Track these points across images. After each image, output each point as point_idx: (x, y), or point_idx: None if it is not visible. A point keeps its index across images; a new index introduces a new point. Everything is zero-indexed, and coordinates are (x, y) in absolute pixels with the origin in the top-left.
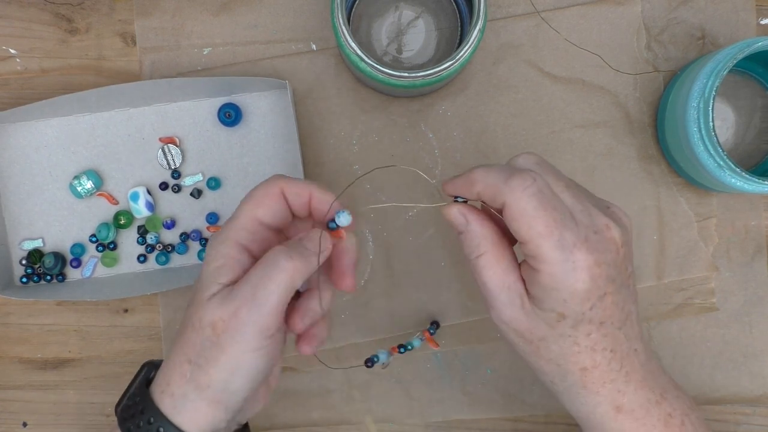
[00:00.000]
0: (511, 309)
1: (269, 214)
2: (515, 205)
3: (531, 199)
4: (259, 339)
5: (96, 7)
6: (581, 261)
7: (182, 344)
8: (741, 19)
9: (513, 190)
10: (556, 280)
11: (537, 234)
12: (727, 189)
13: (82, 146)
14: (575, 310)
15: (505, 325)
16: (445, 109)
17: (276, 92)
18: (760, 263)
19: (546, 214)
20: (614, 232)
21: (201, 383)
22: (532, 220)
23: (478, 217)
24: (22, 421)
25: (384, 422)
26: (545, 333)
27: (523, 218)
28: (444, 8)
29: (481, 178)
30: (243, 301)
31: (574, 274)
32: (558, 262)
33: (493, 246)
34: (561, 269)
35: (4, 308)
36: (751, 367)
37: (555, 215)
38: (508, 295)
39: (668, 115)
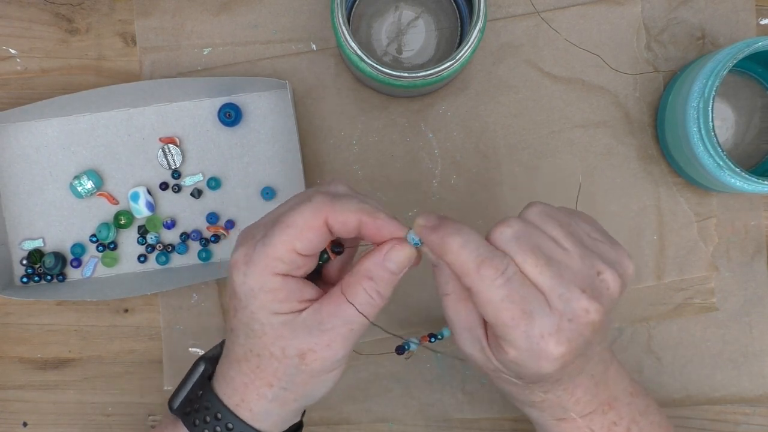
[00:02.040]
0: (472, 348)
1: (309, 248)
2: (482, 294)
3: (499, 290)
4: (344, 360)
5: (96, 7)
6: (549, 352)
7: (257, 370)
8: (741, 19)
9: (482, 279)
10: (520, 362)
11: (503, 323)
12: (727, 189)
13: (82, 146)
14: (538, 381)
15: (466, 356)
16: (445, 109)
17: (276, 92)
18: (760, 263)
19: (513, 307)
20: (592, 316)
21: (287, 400)
22: (499, 311)
23: None
24: (22, 421)
25: (384, 422)
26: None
27: (489, 306)
28: (444, 8)
29: (455, 252)
30: (336, 334)
31: (539, 362)
32: (524, 349)
33: (460, 289)
34: (526, 356)
35: (4, 308)
36: (751, 367)
37: (524, 307)
38: (470, 337)
39: (668, 115)
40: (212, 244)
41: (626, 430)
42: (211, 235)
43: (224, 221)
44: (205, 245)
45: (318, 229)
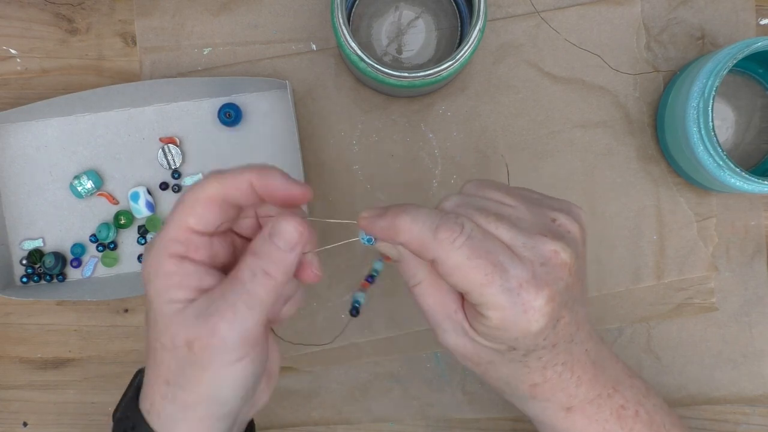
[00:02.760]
0: (455, 336)
1: (202, 223)
2: (447, 260)
3: (462, 250)
4: (244, 348)
5: (96, 7)
6: (531, 301)
7: (155, 365)
8: (741, 19)
9: (441, 245)
10: (506, 324)
11: (477, 284)
12: (726, 189)
13: (82, 146)
14: (527, 344)
15: (450, 349)
16: (445, 109)
17: (276, 92)
18: (759, 263)
19: (482, 262)
20: (563, 256)
21: (188, 402)
22: (469, 272)
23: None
24: (23, 421)
25: (384, 422)
26: (493, 358)
27: (458, 271)
28: (444, 8)
29: (407, 229)
30: (221, 317)
31: (526, 316)
32: (506, 306)
33: (429, 274)
34: (511, 313)
35: (4, 308)
36: (751, 367)
37: (492, 259)
38: (450, 323)
39: (668, 115)
40: None
41: (635, 413)
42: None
43: None
44: None
45: (208, 200)
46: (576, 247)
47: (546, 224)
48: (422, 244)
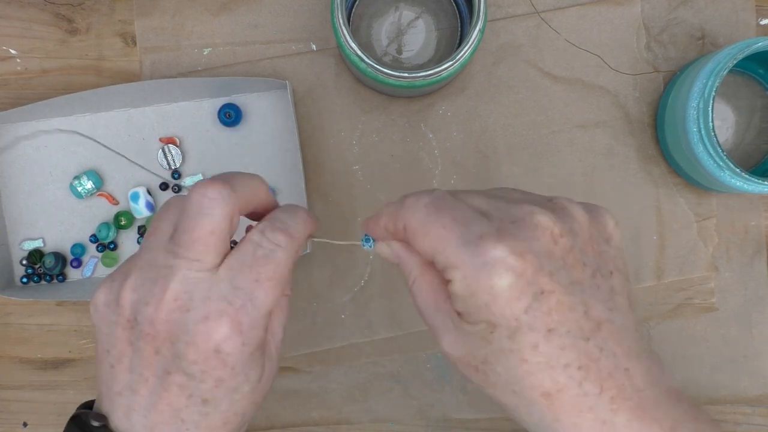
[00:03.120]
0: (446, 332)
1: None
2: (410, 219)
3: (425, 209)
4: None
5: (96, 7)
6: (492, 252)
7: None
8: (741, 19)
9: (406, 208)
10: (471, 283)
11: (437, 238)
12: (727, 189)
13: (82, 146)
14: (504, 314)
15: (449, 357)
16: (445, 110)
17: (276, 92)
18: (760, 263)
19: (442, 216)
20: (541, 218)
21: None
22: (429, 227)
23: (405, 246)
24: (22, 421)
25: (384, 422)
26: (484, 352)
27: (420, 229)
28: (444, 8)
29: (384, 211)
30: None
31: (487, 269)
32: (466, 260)
33: (421, 269)
34: (471, 268)
35: (4, 308)
36: (751, 367)
37: (454, 215)
38: (440, 317)
39: (668, 115)
40: None
41: None
42: None
43: None
44: None
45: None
46: (571, 223)
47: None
48: (394, 216)
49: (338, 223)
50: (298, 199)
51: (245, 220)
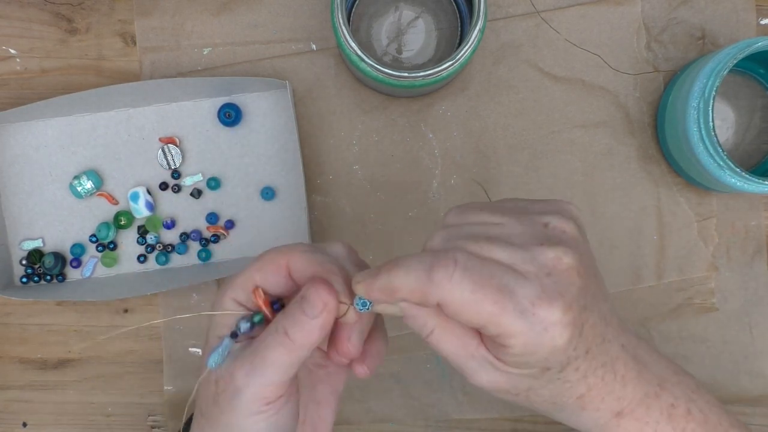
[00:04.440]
0: (486, 373)
1: (267, 284)
2: (451, 300)
3: (463, 285)
4: (258, 404)
5: (96, 7)
6: (549, 317)
7: (199, 395)
8: (741, 19)
9: (440, 286)
10: (531, 348)
11: (489, 315)
12: (727, 189)
13: (82, 146)
14: (559, 360)
15: (484, 387)
16: (445, 109)
17: (276, 92)
18: (760, 263)
19: (487, 291)
20: (567, 260)
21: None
22: (477, 305)
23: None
24: (22, 421)
25: (384, 422)
26: (530, 384)
27: (466, 308)
28: (444, 8)
29: (402, 285)
30: (241, 365)
31: (548, 333)
32: (526, 330)
33: (441, 320)
34: (532, 336)
35: (4, 308)
36: (751, 367)
37: (496, 284)
38: (475, 362)
39: (668, 115)
40: (212, 244)
41: (686, 412)
42: (211, 235)
43: (224, 221)
44: (205, 245)
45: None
46: (577, 246)
47: (539, 232)
48: (422, 293)
49: (338, 223)
50: (298, 199)
51: None
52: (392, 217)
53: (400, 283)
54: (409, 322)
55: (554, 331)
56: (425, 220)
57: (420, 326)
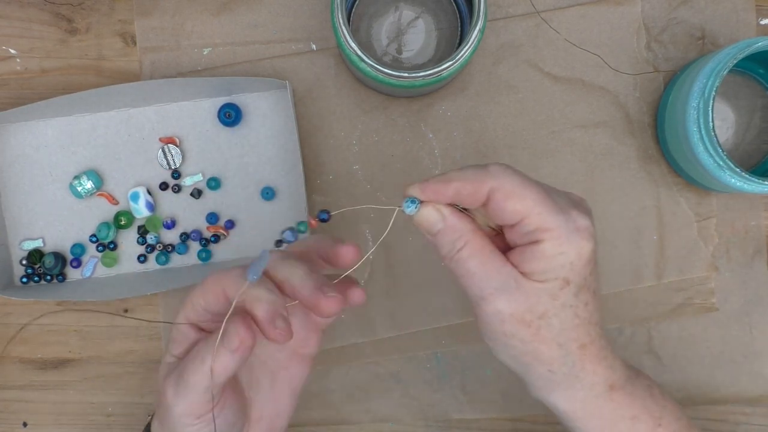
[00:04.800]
0: (506, 292)
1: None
2: (503, 186)
3: (515, 176)
4: (189, 419)
5: (96, 7)
6: (581, 221)
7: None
8: (741, 19)
9: (496, 174)
10: (563, 244)
11: (533, 203)
12: (727, 189)
13: (82, 146)
14: (580, 273)
15: (500, 315)
16: (445, 109)
17: (276, 92)
18: (760, 263)
19: (534, 186)
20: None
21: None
22: (525, 192)
23: (454, 210)
24: (22, 421)
25: (384, 422)
26: (546, 307)
27: (515, 194)
28: (444, 8)
29: (458, 175)
30: (169, 384)
31: (579, 234)
32: (561, 225)
33: (474, 234)
34: (565, 231)
35: (4, 308)
36: (751, 367)
37: (542, 187)
38: (499, 278)
39: (668, 115)
40: (212, 244)
41: (660, 393)
42: (211, 235)
43: (224, 221)
44: (205, 245)
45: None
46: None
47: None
48: (475, 182)
49: (338, 223)
50: (298, 199)
51: None
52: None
53: (454, 175)
54: (444, 236)
55: (584, 234)
56: None
57: (454, 240)
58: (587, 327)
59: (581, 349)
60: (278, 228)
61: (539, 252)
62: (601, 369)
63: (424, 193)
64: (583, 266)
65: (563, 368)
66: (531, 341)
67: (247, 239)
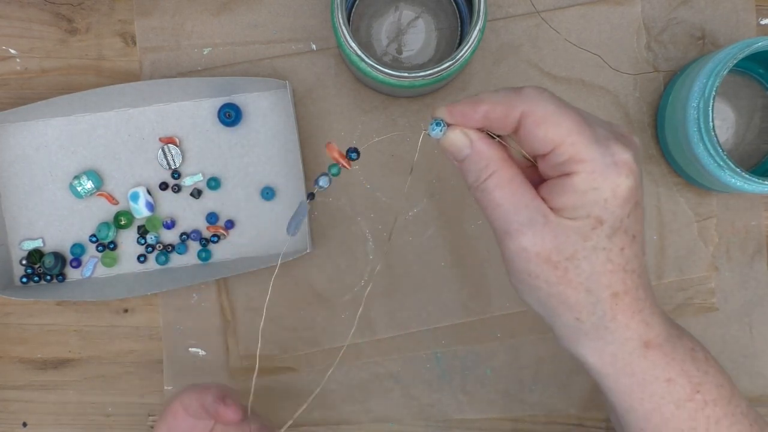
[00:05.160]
0: (533, 228)
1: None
2: (535, 110)
3: (551, 100)
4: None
5: (96, 7)
6: (621, 154)
7: None
8: (741, 19)
9: (529, 97)
10: (597, 178)
11: (567, 131)
12: (727, 189)
13: (82, 146)
14: (615, 213)
15: (525, 253)
16: None
17: (276, 92)
18: (760, 263)
19: (571, 112)
20: (633, 138)
21: None
22: (560, 118)
23: (483, 135)
24: (22, 421)
25: (384, 422)
26: (576, 248)
27: (548, 119)
28: (444, 8)
29: (488, 97)
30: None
31: (617, 168)
32: (597, 157)
33: (504, 163)
34: (601, 164)
35: (4, 308)
36: (751, 367)
37: (579, 113)
38: (527, 213)
39: (668, 115)
40: (212, 244)
41: (705, 358)
42: (211, 235)
43: (224, 221)
44: (205, 245)
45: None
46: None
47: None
48: (507, 105)
49: (338, 223)
50: (298, 199)
51: None
52: (392, 217)
53: (486, 97)
54: (471, 162)
55: (622, 168)
56: (425, 220)
57: (481, 167)
58: (622, 274)
59: (613, 297)
60: (278, 228)
61: (570, 185)
62: (634, 323)
63: (451, 116)
64: (619, 205)
65: (592, 317)
66: (557, 284)
67: (247, 239)
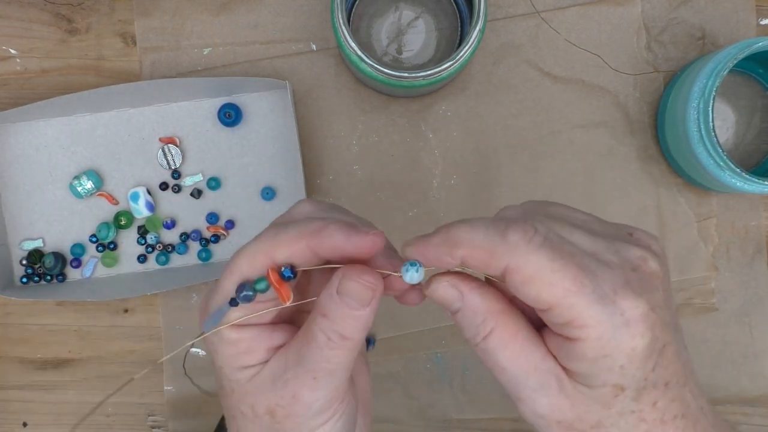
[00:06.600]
0: (548, 396)
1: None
2: (525, 265)
3: (542, 251)
4: (330, 411)
5: (96, 7)
6: (632, 309)
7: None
8: (741, 19)
9: (516, 247)
10: (606, 344)
11: (563, 291)
12: (727, 189)
13: (82, 146)
14: (636, 376)
15: (544, 420)
16: (445, 109)
17: (276, 92)
18: (760, 263)
19: (568, 263)
20: (652, 264)
21: None
22: (553, 276)
23: (475, 285)
24: (22, 421)
25: (384, 422)
26: (600, 416)
27: (540, 278)
28: (444, 8)
29: (466, 239)
30: (301, 384)
31: (628, 329)
32: (603, 320)
33: (503, 317)
34: (609, 327)
35: (4, 308)
36: (751, 367)
37: (578, 262)
38: (537, 377)
39: (668, 115)
40: (212, 244)
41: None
42: (211, 235)
43: (224, 221)
44: (205, 245)
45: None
46: (663, 262)
47: (624, 235)
48: (490, 250)
49: None
50: (298, 199)
51: None
52: (392, 217)
53: (462, 238)
54: (465, 316)
55: (636, 328)
56: (425, 220)
57: (477, 324)
58: (661, 427)
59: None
60: None
61: (576, 353)
62: None
63: (425, 259)
64: (638, 368)
65: None
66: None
67: (247, 239)
